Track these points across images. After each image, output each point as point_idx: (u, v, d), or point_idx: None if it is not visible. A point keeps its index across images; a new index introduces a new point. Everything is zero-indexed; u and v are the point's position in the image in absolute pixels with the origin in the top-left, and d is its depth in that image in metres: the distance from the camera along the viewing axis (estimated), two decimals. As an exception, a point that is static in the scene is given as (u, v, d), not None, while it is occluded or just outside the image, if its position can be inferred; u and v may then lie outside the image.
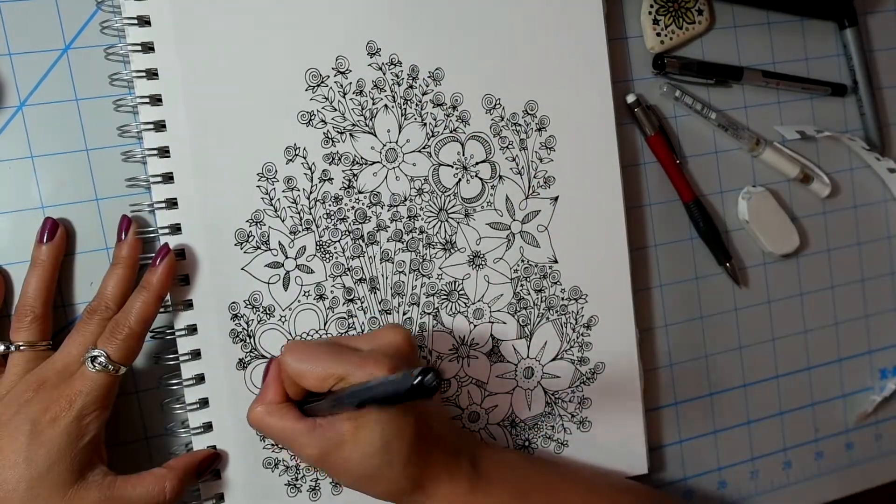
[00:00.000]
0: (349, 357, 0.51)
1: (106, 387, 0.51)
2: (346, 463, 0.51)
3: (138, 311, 0.53)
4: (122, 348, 0.52)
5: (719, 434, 0.73)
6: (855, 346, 0.78)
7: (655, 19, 0.67)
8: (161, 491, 0.52)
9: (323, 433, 0.51)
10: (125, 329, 0.52)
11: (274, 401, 0.54)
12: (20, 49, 0.55)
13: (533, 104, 0.63)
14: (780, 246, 0.73)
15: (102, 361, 0.51)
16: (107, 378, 0.51)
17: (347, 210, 0.59)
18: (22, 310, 0.53)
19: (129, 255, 0.55)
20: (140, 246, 0.55)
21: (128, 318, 0.52)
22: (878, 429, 0.80)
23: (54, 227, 0.55)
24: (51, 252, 0.54)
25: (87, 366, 0.51)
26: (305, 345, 0.53)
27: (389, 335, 0.54)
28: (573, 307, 0.65)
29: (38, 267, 0.54)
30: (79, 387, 0.50)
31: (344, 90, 0.59)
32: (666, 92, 0.69)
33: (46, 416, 0.49)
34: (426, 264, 0.61)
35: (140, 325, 0.53)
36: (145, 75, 0.55)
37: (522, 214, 0.63)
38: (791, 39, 0.74)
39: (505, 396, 0.64)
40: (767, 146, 0.72)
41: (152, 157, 0.55)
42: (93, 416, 0.51)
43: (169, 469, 0.53)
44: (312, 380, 0.51)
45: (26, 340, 0.53)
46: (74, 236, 0.56)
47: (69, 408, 0.50)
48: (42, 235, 0.54)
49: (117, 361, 0.51)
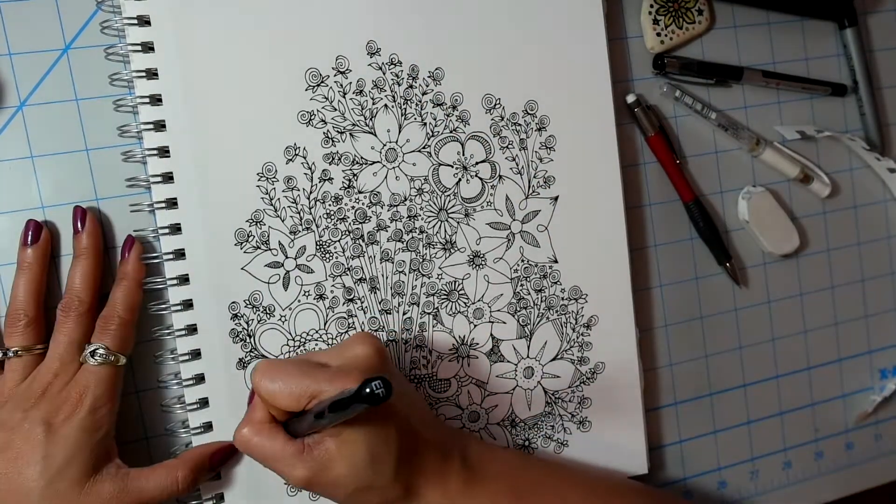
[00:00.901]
0: (319, 374, 0.50)
1: (111, 378, 0.53)
2: (337, 480, 0.51)
3: (123, 300, 0.54)
4: (117, 337, 0.53)
5: (719, 434, 0.73)
6: (855, 346, 0.78)
7: (655, 19, 0.67)
8: (174, 481, 0.53)
9: (310, 453, 0.50)
10: (116, 319, 0.53)
11: (261, 420, 0.52)
12: (20, 49, 0.55)
13: (533, 104, 0.63)
14: (780, 246, 0.73)
15: (102, 353, 0.52)
16: (110, 370, 0.52)
17: (347, 210, 0.59)
18: (14, 314, 0.53)
19: (90, 245, 0.55)
20: (99, 233, 0.55)
21: (115, 309, 0.54)
22: (878, 429, 0.80)
23: (38, 228, 0.54)
24: (36, 254, 0.54)
25: (88, 361, 0.52)
26: (275, 364, 0.51)
27: (357, 347, 0.53)
28: (573, 307, 0.65)
29: (25, 270, 0.54)
30: (85, 382, 0.52)
31: (344, 90, 0.59)
32: (666, 92, 0.69)
33: (59, 415, 0.51)
34: (426, 264, 0.61)
35: (128, 312, 0.54)
36: (145, 75, 0.55)
37: (522, 214, 0.63)
38: (791, 39, 0.74)
39: (505, 396, 0.64)
40: (767, 146, 0.72)
41: (152, 156, 0.55)
42: (105, 408, 0.52)
43: (181, 460, 0.54)
44: (286, 399, 0.49)
45: (22, 345, 0.53)
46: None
47: (81, 403, 0.51)
48: (26, 238, 0.54)
49: (116, 351, 0.53)
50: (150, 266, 0.56)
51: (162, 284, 0.56)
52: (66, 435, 0.50)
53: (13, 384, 0.52)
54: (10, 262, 0.55)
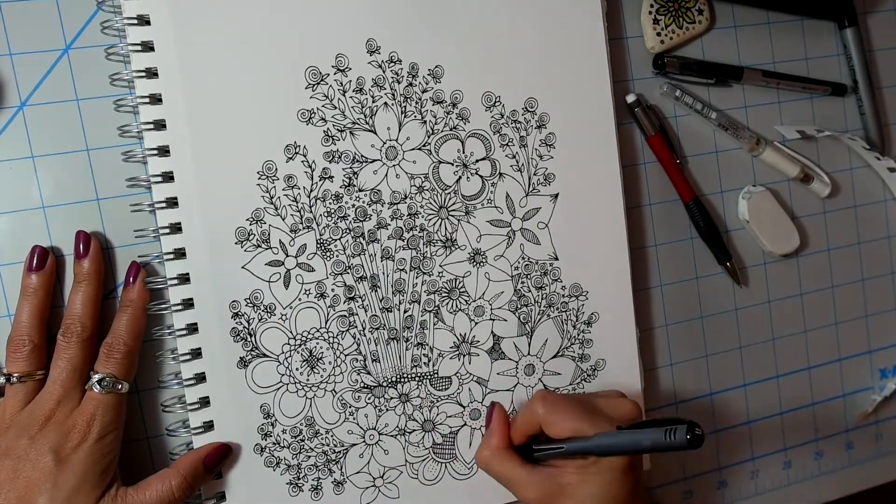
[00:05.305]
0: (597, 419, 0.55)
1: (116, 406, 0.53)
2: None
3: (128, 328, 0.55)
4: (123, 366, 0.54)
5: (719, 434, 0.73)
6: (855, 346, 0.78)
7: (655, 19, 0.68)
8: (168, 489, 0.53)
9: (545, 481, 0.55)
10: (122, 347, 0.54)
11: (498, 446, 0.58)
12: (21, 49, 0.55)
13: (533, 101, 0.63)
14: (780, 246, 0.73)
15: (108, 382, 0.53)
16: (115, 398, 0.53)
17: (348, 208, 0.59)
18: (18, 340, 0.53)
19: (92, 271, 0.55)
20: (102, 258, 0.56)
21: (121, 338, 0.54)
22: (878, 429, 0.80)
23: (43, 254, 0.54)
24: (41, 280, 0.54)
25: (94, 389, 0.52)
26: (559, 398, 0.57)
27: (627, 407, 0.58)
28: (574, 304, 0.65)
29: (29, 296, 0.54)
30: (92, 410, 0.52)
31: (344, 88, 0.59)
32: (666, 92, 0.69)
33: (68, 444, 0.51)
34: (427, 262, 0.61)
35: (134, 340, 0.55)
36: (145, 75, 0.55)
37: (523, 212, 0.63)
38: (791, 39, 0.74)
39: (506, 394, 0.64)
40: (767, 146, 0.72)
41: (153, 156, 0.55)
42: (112, 434, 0.53)
43: (174, 468, 0.55)
44: (559, 429, 0.55)
45: (24, 371, 0.53)
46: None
47: (89, 431, 0.52)
48: (31, 263, 0.54)
49: (122, 379, 0.53)
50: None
51: (162, 284, 0.56)
52: (76, 463, 0.51)
53: (15, 410, 0.52)
54: (11, 261, 0.55)
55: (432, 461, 0.63)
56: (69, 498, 0.50)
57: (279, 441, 0.59)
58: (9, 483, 0.50)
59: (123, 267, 0.57)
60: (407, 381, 0.62)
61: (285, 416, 0.59)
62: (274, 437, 0.59)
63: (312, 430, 0.60)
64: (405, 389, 0.62)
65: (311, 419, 0.60)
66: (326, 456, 0.60)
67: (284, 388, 0.59)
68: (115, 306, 0.56)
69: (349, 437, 0.61)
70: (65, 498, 0.50)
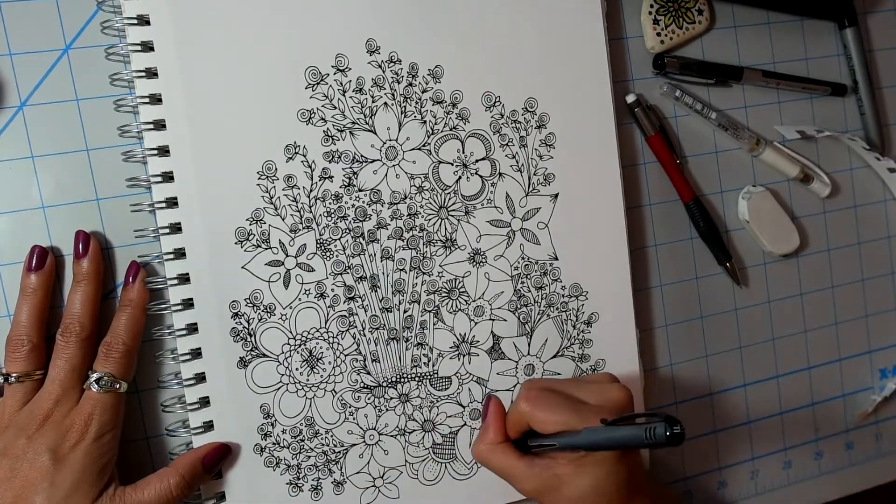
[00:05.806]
0: (586, 412, 0.55)
1: (114, 405, 0.53)
2: (559, 500, 0.56)
3: (128, 328, 0.54)
4: (122, 365, 0.54)
5: (719, 434, 0.73)
6: (855, 346, 0.78)
7: (655, 19, 0.68)
8: (167, 488, 0.53)
9: (541, 473, 0.56)
10: (121, 347, 0.54)
11: (495, 440, 0.59)
12: (21, 49, 0.55)
13: (532, 101, 0.63)
14: (780, 246, 0.73)
15: (107, 382, 0.53)
16: (113, 397, 0.53)
17: (348, 208, 0.59)
18: (17, 340, 0.53)
19: (91, 271, 0.55)
20: (101, 258, 0.55)
21: (120, 337, 0.54)
22: (878, 429, 0.80)
23: (43, 254, 0.54)
24: (41, 280, 0.54)
25: (92, 388, 0.52)
26: (546, 396, 0.57)
27: (614, 392, 0.58)
28: (573, 304, 0.65)
29: (28, 296, 0.54)
30: (89, 409, 0.52)
31: (343, 88, 0.59)
32: (666, 92, 0.69)
33: (66, 443, 0.51)
34: (426, 262, 0.61)
35: (133, 340, 0.55)
36: (145, 75, 0.55)
37: (522, 212, 0.63)
38: (791, 39, 0.74)
39: (506, 394, 0.64)
40: (767, 146, 0.72)
41: (153, 156, 0.55)
42: (110, 434, 0.53)
43: (173, 468, 0.55)
44: (550, 427, 0.56)
45: (22, 371, 0.53)
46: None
47: (86, 431, 0.51)
48: (30, 263, 0.54)
49: (120, 378, 0.53)
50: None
51: (162, 284, 0.56)
52: (73, 462, 0.51)
53: (13, 410, 0.52)
54: (11, 261, 0.55)
55: (432, 461, 0.63)
56: (66, 497, 0.50)
57: (279, 441, 0.59)
58: (6, 482, 0.50)
59: (123, 267, 0.57)
60: (407, 381, 0.62)
61: (285, 416, 0.59)
62: (274, 437, 0.59)
63: (312, 430, 0.60)
64: (405, 389, 0.62)
65: (311, 419, 0.60)
66: (326, 456, 0.60)
67: (284, 388, 0.59)
68: (115, 306, 0.56)
69: (349, 438, 0.61)
70: (62, 497, 0.50)
